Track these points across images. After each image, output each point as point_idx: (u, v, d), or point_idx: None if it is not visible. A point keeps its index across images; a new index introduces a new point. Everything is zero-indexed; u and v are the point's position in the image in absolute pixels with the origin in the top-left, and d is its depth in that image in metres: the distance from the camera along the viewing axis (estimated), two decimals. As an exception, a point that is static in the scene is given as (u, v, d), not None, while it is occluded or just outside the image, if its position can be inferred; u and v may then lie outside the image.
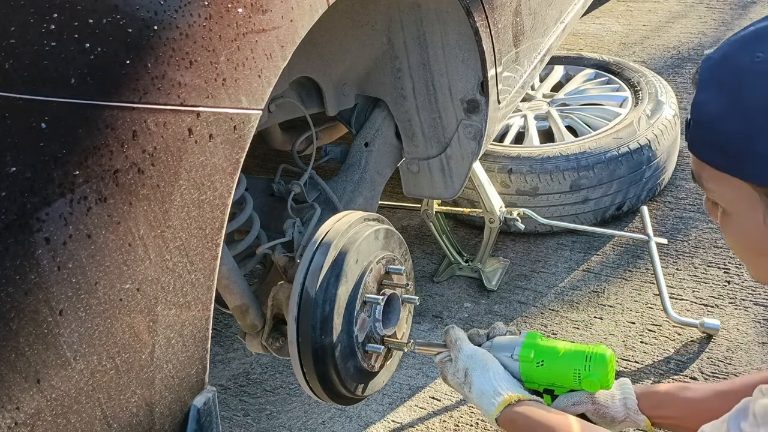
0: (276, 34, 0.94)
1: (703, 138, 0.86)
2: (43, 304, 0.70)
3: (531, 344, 1.25)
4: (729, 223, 0.89)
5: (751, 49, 0.81)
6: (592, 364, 1.21)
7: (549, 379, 1.25)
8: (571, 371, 1.22)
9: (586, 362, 1.21)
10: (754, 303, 2.05)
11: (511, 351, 1.25)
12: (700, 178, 0.88)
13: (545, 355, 1.23)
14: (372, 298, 1.23)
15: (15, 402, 0.69)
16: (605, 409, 1.24)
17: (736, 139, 0.81)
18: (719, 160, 0.84)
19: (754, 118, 0.79)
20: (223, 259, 1.15)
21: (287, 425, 1.92)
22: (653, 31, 3.79)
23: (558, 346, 1.24)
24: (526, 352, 1.24)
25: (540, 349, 1.24)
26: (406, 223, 2.62)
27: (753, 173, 0.81)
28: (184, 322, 0.88)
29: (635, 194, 2.41)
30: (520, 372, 1.25)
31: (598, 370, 1.20)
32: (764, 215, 0.82)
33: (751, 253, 0.91)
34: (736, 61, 0.82)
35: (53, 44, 0.71)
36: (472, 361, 1.21)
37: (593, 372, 1.21)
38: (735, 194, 0.84)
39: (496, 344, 1.28)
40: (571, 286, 2.22)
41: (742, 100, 0.80)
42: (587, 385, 1.22)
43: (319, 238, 1.24)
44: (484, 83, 1.65)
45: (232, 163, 0.90)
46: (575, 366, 1.22)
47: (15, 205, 0.68)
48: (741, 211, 0.85)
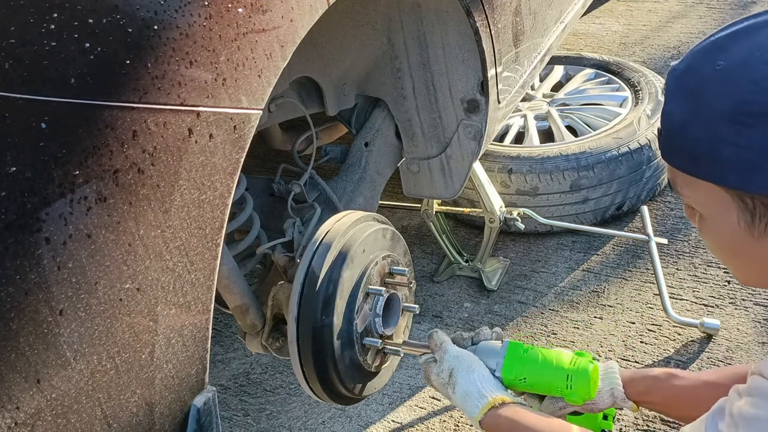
0: (276, 34, 0.94)
1: (672, 145, 0.89)
2: (43, 304, 0.70)
3: (512, 360, 1.24)
4: (705, 226, 0.91)
5: (712, 58, 0.84)
6: (573, 383, 1.22)
7: (533, 390, 1.26)
8: (553, 389, 1.23)
9: (567, 382, 1.22)
10: (754, 303, 2.05)
11: (494, 366, 1.25)
12: (675, 185, 0.91)
13: (527, 373, 1.23)
14: (375, 289, 1.24)
15: (15, 402, 0.69)
16: (592, 405, 1.27)
17: (703, 145, 0.83)
18: (689, 166, 0.86)
19: (717, 124, 0.81)
20: (223, 259, 1.15)
21: (287, 425, 1.92)
22: (653, 31, 3.79)
23: (539, 359, 1.24)
24: (508, 372, 1.23)
25: (521, 367, 1.24)
26: (406, 223, 2.62)
27: (722, 177, 0.83)
28: (184, 322, 0.88)
29: (635, 194, 2.41)
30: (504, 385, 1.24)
31: (579, 387, 1.22)
32: (737, 217, 0.84)
33: (728, 254, 0.93)
34: (699, 70, 0.85)
35: (53, 44, 0.71)
36: (458, 362, 1.21)
37: (575, 390, 1.22)
38: (708, 198, 0.86)
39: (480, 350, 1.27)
40: (571, 286, 2.22)
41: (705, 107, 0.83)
42: (570, 401, 1.24)
43: (320, 238, 1.24)
44: (484, 83, 1.65)
45: (232, 163, 0.90)
46: (557, 384, 1.23)
47: (15, 205, 0.68)
48: (715, 214, 0.87)
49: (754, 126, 0.79)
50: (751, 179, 0.80)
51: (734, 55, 0.82)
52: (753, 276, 0.93)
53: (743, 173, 0.81)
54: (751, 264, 0.90)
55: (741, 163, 0.80)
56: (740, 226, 0.85)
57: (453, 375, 1.20)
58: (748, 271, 0.93)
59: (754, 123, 0.79)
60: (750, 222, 0.84)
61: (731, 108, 0.80)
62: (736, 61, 0.81)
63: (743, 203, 0.83)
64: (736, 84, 0.80)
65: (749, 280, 0.94)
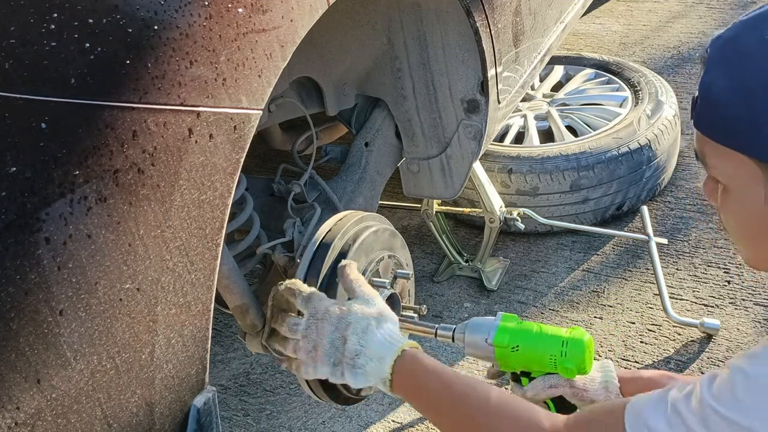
0: (276, 34, 0.94)
1: (709, 114, 0.87)
2: (43, 304, 0.70)
3: (506, 328, 1.21)
4: (728, 201, 0.90)
5: (760, 29, 0.83)
6: (568, 350, 1.18)
7: (524, 364, 1.22)
8: (546, 357, 1.19)
9: (562, 348, 1.18)
10: (754, 303, 2.05)
11: (486, 334, 1.21)
12: (703, 155, 0.90)
13: (520, 340, 1.20)
14: (379, 281, 1.24)
15: (15, 402, 0.69)
16: (584, 393, 1.22)
17: (743, 114, 0.82)
18: (725, 135, 0.85)
19: (759, 95, 0.81)
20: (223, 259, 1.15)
21: (287, 425, 1.92)
22: (653, 31, 3.79)
23: (534, 329, 1.21)
24: (501, 338, 1.20)
25: (515, 334, 1.20)
26: (406, 223, 2.62)
27: (756, 148, 0.83)
28: (184, 322, 0.88)
29: (635, 194, 2.41)
30: (495, 356, 1.22)
31: (574, 356, 1.18)
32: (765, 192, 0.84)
33: (748, 234, 0.91)
34: (744, 41, 0.84)
35: (53, 44, 0.71)
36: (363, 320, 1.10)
37: (569, 358, 1.18)
38: (736, 170, 0.86)
39: (471, 326, 1.24)
40: (571, 286, 2.22)
41: (749, 78, 0.82)
42: (563, 371, 1.19)
43: (320, 238, 1.24)
44: (484, 83, 1.65)
45: (232, 163, 0.90)
46: (551, 352, 1.18)
47: (15, 205, 0.68)
48: (742, 187, 0.87)
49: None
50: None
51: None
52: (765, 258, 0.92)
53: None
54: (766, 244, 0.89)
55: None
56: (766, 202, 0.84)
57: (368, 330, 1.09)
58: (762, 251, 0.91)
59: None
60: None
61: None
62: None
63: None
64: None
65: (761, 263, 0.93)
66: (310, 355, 1.09)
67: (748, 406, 0.81)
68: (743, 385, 0.83)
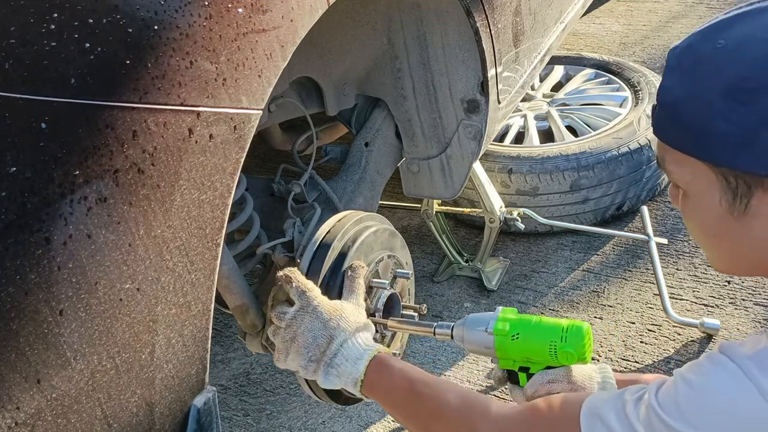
0: (276, 34, 0.94)
1: (666, 120, 0.90)
2: (43, 304, 0.70)
3: (506, 318, 1.22)
4: (688, 205, 0.93)
5: (713, 37, 0.87)
6: (568, 335, 1.18)
7: (524, 354, 1.22)
8: (546, 344, 1.19)
9: (562, 334, 1.18)
10: (754, 303, 2.05)
11: (486, 325, 1.22)
12: (663, 161, 0.92)
13: (520, 328, 1.20)
14: (379, 282, 1.24)
15: (15, 402, 0.69)
16: (582, 390, 1.21)
17: (696, 120, 0.85)
18: (680, 141, 0.88)
19: (712, 99, 0.84)
20: (223, 259, 1.15)
21: (287, 425, 1.92)
22: (653, 31, 3.79)
23: (533, 319, 1.22)
24: (501, 325, 1.20)
25: (515, 323, 1.21)
26: (406, 223, 2.62)
27: (710, 154, 0.85)
28: (184, 322, 0.88)
29: (635, 194, 2.41)
30: (495, 346, 1.22)
31: (574, 341, 1.18)
32: (720, 196, 0.86)
33: (707, 237, 0.94)
34: (699, 48, 0.88)
35: (53, 44, 0.71)
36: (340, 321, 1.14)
37: (569, 343, 1.18)
38: (693, 176, 0.88)
39: (470, 319, 1.25)
40: (571, 286, 2.22)
41: (703, 83, 0.85)
42: (563, 357, 1.19)
43: (320, 238, 1.24)
44: (484, 83, 1.65)
45: (232, 163, 0.90)
46: (551, 338, 1.19)
47: (15, 205, 0.68)
48: (699, 192, 0.89)
49: (746, 102, 0.81)
50: (737, 156, 0.83)
51: (736, 35, 0.85)
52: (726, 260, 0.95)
53: (731, 149, 0.83)
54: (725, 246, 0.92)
55: (730, 138, 0.82)
56: (721, 205, 0.87)
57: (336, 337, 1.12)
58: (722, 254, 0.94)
59: (747, 99, 0.81)
60: (731, 201, 0.86)
61: (728, 84, 0.82)
62: (738, 40, 0.84)
63: (726, 182, 0.85)
64: (735, 61, 0.83)
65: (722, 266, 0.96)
66: (286, 344, 1.14)
67: (689, 416, 0.83)
68: (685, 394, 0.84)
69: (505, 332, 1.20)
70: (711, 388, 0.83)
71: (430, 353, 2.06)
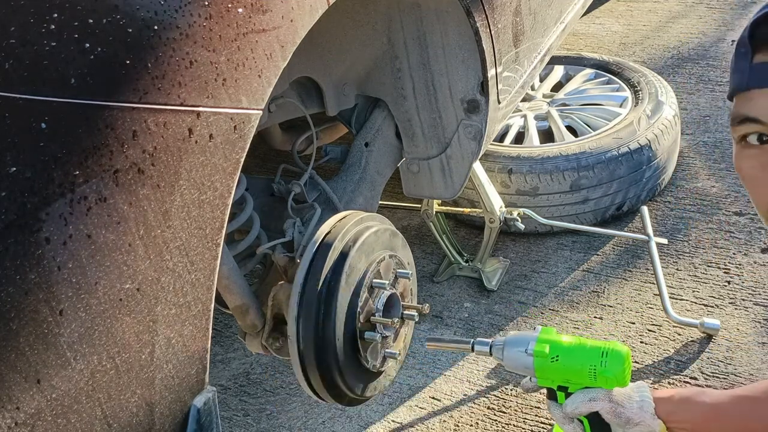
0: (276, 34, 0.94)
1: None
2: (43, 304, 0.70)
3: (546, 339, 1.23)
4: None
5: None
6: (608, 360, 1.19)
7: (563, 375, 1.23)
8: (586, 367, 1.20)
9: (602, 358, 1.19)
10: (754, 303, 2.05)
11: (525, 346, 1.23)
12: (764, 108, 0.91)
13: (560, 351, 1.21)
14: (379, 283, 1.24)
15: (15, 402, 0.69)
16: (621, 409, 1.22)
17: None
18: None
19: None
20: (223, 259, 1.15)
21: (287, 425, 1.92)
22: (653, 31, 3.79)
23: (574, 341, 1.23)
24: (541, 347, 1.22)
25: (555, 345, 1.22)
26: (406, 223, 2.62)
27: None
28: (184, 322, 0.88)
29: (635, 194, 2.41)
30: (534, 367, 1.23)
31: (614, 366, 1.19)
32: None
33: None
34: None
35: (53, 44, 0.71)
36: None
37: (609, 368, 1.19)
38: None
39: (510, 339, 1.26)
40: (571, 286, 2.22)
41: None
42: (602, 381, 1.20)
43: (320, 238, 1.24)
44: (484, 83, 1.65)
45: (233, 163, 0.90)
46: (591, 362, 1.20)
47: (15, 205, 0.68)
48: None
49: None
50: None
51: None
52: None
53: None
54: None
55: None
56: None
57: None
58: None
59: None
60: None
61: None
62: None
63: None
64: None
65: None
66: None
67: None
68: None
69: (544, 354, 1.21)
70: None
71: (431, 353, 2.06)
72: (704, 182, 2.56)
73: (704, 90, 3.14)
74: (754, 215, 2.36)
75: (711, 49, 3.49)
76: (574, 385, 1.24)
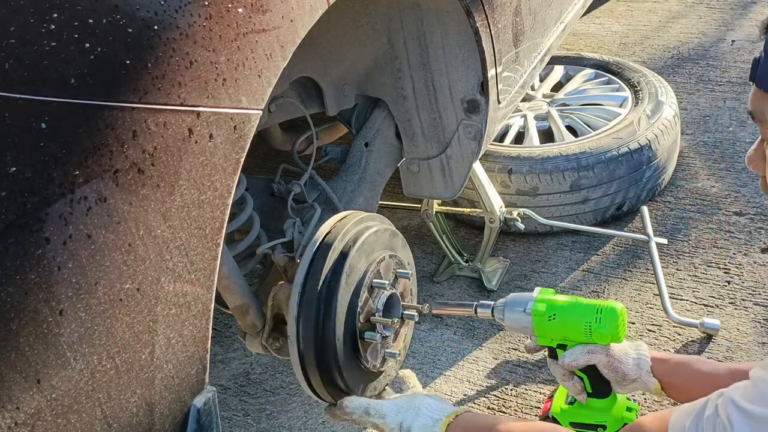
0: (276, 34, 0.94)
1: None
2: (43, 304, 0.70)
3: (543, 299, 1.29)
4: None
5: None
6: (602, 316, 1.24)
7: (561, 333, 1.28)
8: (582, 324, 1.25)
9: (596, 314, 1.25)
10: (754, 303, 2.05)
11: (524, 306, 1.29)
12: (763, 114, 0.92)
13: (557, 309, 1.27)
14: (379, 282, 1.25)
15: (15, 402, 0.69)
16: (618, 364, 1.27)
17: None
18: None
19: None
20: (223, 259, 1.15)
21: (287, 425, 1.92)
22: (653, 31, 3.79)
23: (569, 300, 1.29)
24: (539, 307, 1.28)
25: (552, 304, 1.28)
26: (406, 223, 2.62)
27: None
28: (184, 322, 0.88)
29: (635, 194, 2.41)
30: (533, 326, 1.29)
31: (608, 322, 1.24)
32: None
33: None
34: None
35: (53, 44, 0.71)
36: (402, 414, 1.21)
37: (603, 324, 1.24)
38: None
39: (510, 300, 1.32)
40: (571, 286, 2.22)
41: None
42: (598, 337, 1.25)
43: (320, 238, 1.24)
44: (484, 83, 1.65)
45: (232, 163, 0.90)
46: (586, 319, 1.25)
47: (15, 205, 0.68)
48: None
49: None
50: None
51: None
52: None
53: None
54: None
55: None
56: None
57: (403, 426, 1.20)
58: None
59: None
60: None
61: None
62: None
63: None
64: None
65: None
66: None
67: None
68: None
69: (542, 313, 1.28)
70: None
71: (430, 353, 2.06)
72: (704, 182, 2.56)
73: (704, 90, 3.14)
74: (755, 215, 2.36)
75: (711, 49, 3.49)
76: (571, 343, 1.30)
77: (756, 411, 0.83)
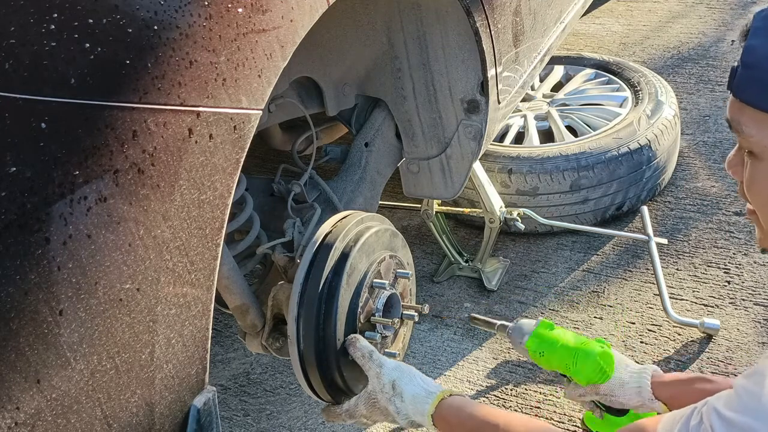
0: (276, 34, 0.94)
1: (750, 79, 0.90)
2: (43, 304, 0.70)
3: (537, 334, 1.36)
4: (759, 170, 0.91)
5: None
6: (578, 361, 1.31)
7: (552, 368, 1.35)
8: (563, 366, 1.33)
9: (573, 359, 1.31)
10: (754, 303, 2.05)
11: (522, 338, 1.37)
12: (739, 124, 0.92)
13: (545, 347, 1.35)
14: (379, 283, 1.25)
15: (15, 402, 0.69)
16: (612, 397, 1.31)
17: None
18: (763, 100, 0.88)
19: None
20: (223, 259, 1.15)
21: (287, 425, 1.92)
22: (653, 31, 3.79)
23: (560, 338, 1.35)
24: (531, 342, 1.36)
25: (543, 341, 1.35)
26: (406, 223, 2.62)
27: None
28: (184, 322, 0.88)
29: (635, 194, 2.41)
30: (530, 357, 1.37)
31: (583, 367, 1.31)
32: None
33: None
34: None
35: (53, 44, 0.71)
36: (398, 372, 1.21)
37: (579, 369, 1.31)
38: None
39: (514, 329, 1.40)
40: (571, 286, 2.22)
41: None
42: (578, 378, 1.32)
43: (320, 238, 1.24)
44: (484, 83, 1.65)
45: (232, 163, 0.90)
46: (565, 362, 1.32)
47: (15, 205, 0.68)
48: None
49: None
50: None
51: None
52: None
53: None
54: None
55: None
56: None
57: (396, 385, 1.20)
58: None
59: None
60: None
61: None
62: None
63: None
64: None
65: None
66: None
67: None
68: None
69: (533, 349, 1.36)
70: None
71: (430, 353, 2.06)
72: (704, 182, 2.56)
73: (704, 90, 3.14)
74: (754, 215, 2.36)
75: (711, 49, 3.49)
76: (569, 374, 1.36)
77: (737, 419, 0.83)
